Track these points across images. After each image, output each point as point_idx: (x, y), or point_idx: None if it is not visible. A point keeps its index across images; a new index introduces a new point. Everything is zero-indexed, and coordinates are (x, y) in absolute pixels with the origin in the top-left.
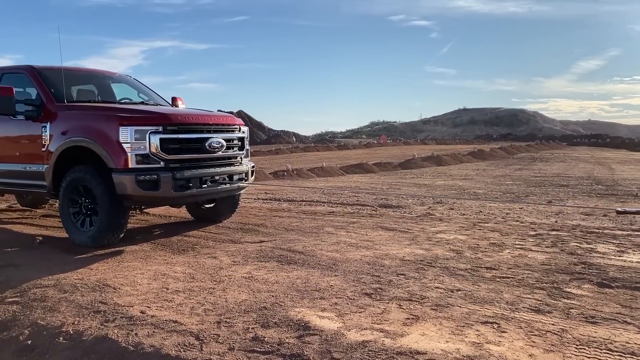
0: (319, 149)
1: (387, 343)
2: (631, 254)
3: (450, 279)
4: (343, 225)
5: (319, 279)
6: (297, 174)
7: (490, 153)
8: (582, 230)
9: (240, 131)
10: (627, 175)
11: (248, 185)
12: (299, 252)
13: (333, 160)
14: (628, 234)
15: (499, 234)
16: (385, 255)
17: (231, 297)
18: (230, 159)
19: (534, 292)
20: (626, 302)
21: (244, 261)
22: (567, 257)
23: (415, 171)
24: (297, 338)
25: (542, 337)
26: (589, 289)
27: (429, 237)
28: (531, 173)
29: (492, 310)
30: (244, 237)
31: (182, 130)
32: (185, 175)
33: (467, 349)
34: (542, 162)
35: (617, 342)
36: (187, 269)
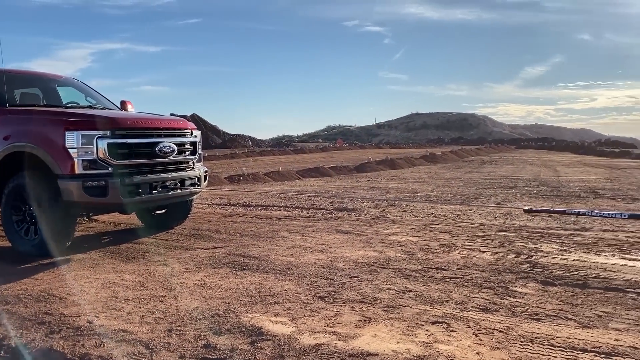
0: (276, 152)
1: (339, 346)
2: (573, 252)
3: (402, 280)
4: (298, 230)
5: (273, 284)
6: (253, 178)
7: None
8: (528, 230)
9: (192, 135)
10: (571, 177)
11: (201, 190)
12: (253, 257)
13: (290, 164)
14: (571, 233)
15: (449, 235)
16: (339, 258)
17: (182, 304)
18: (181, 163)
19: (482, 292)
20: (568, 299)
21: (196, 268)
22: (513, 257)
23: (370, 174)
24: (250, 344)
25: (489, 335)
26: (533, 288)
27: (382, 240)
28: (481, 176)
29: (442, 310)
30: (196, 244)
31: (131, 134)
32: (135, 180)
33: (417, 349)
34: (492, 165)
35: (559, 338)
36: (137, 277)
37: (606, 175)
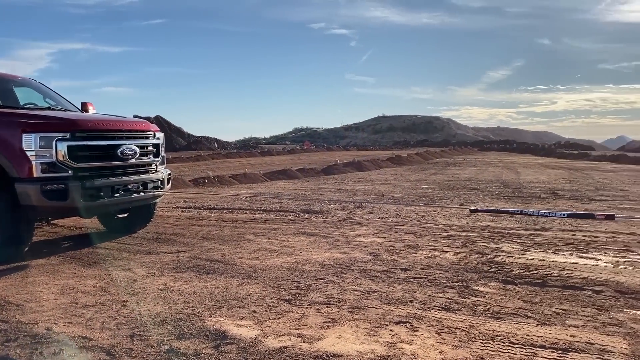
0: (242, 155)
1: (304, 348)
2: (533, 252)
3: (367, 281)
4: (264, 232)
5: (237, 288)
6: (219, 181)
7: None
8: (490, 231)
9: (155, 137)
10: (532, 178)
11: (164, 193)
12: (218, 261)
13: (256, 167)
14: (531, 233)
15: (413, 236)
16: (305, 260)
17: (145, 309)
18: (144, 166)
19: (444, 291)
20: (527, 298)
21: (160, 272)
22: (475, 257)
23: (338, 177)
24: (214, 348)
25: (451, 334)
26: (495, 287)
27: (349, 241)
28: (445, 177)
29: (406, 310)
30: (160, 248)
31: (91, 136)
32: (96, 184)
33: (381, 349)
34: (456, 167)
35: (519, 335)
36: (99, 282)
37: (565, 176)
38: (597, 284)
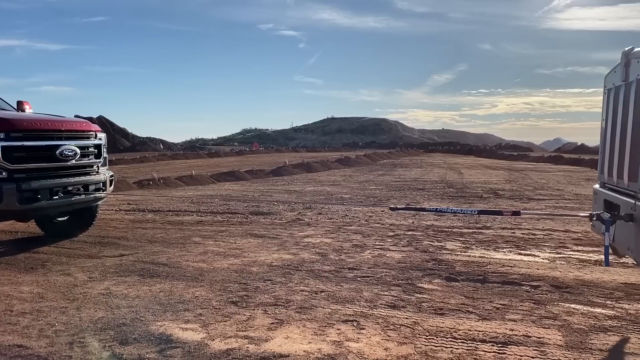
0: (189, 156)
1: (251, 349)
2: (475, 249)
3: (315, 281)
4: (211, 235)
5: (183, 291)
6: (164, 183)
7: (356, 160)
8: (435, 229)
9: (96, 138)
10: (474, 179)
11: (106, 195)
12: (162, 264)
13: (203, 168)
14: (473, 231)
15: (361, 235)
16: (253, 262)
17: (86, 315)
18: (85, 167)
19: (390, 289)
20: (469, 294)
21: (102, 277)
22: (420, 255)
23: (287, 178)
24: (159, 352)
25: (396, 331)
26: (438, 284)
27: (297, 242)
28: (392, 178)
29: (353, 309)
30: (102, 252)
31: (28, 137)
32: (33, 186)
33: (328, 348)
34: (402, 168)
35: (461, 330)
36: (36, 288)
37: (506, 177)
38: (534, 279)
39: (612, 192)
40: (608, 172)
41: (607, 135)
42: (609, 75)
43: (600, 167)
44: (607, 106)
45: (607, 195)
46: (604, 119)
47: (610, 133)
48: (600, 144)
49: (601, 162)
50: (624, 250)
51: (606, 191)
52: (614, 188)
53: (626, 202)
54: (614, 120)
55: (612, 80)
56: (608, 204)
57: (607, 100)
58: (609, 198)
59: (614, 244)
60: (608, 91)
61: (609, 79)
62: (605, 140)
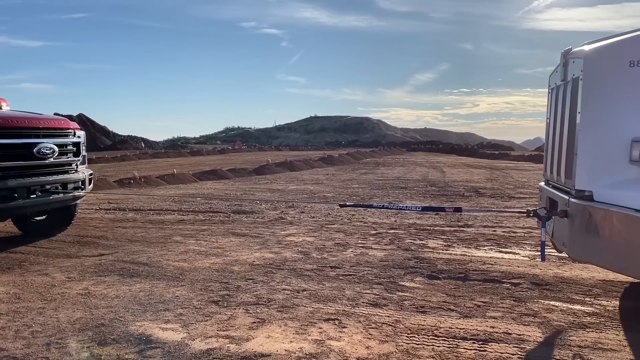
0: (170, 155)
1: (232, 349)
2: (456, 247)
3: (297, 280)
4: (193, 234)
5: (163, 291)
6: (145, 181)
7: (339, 158)
8: (417, 228)
9: (75, 136)
10: (456, 177)
11: (85, 194)
12: (143, 263)
13: (185, 167)
14: (454, 229)
15: (344, 234)
16: (235, 261)
17: (64, 316)
18: (63, 166)
19: (372, 288)
20: (451, 292)
21: (80, 277)
22: (402, 253)
23: (270, 177)
24: (138, 353)
25: (378, 329)
26: (420, 282)
27: (279, 241)
28: (375, 177)
29: (335, 308)
30: (81, 251)
31: (4, 134)
32: (9, 184)
33: (310, 347)
34: (385, 167)
35: (442, 328)
36: (12, 288)
37: (487, 175)
38: (515, 277)
39: (553, 190)
40: (550, 170)
41: (550, 134)
42: (552, 75)
43: (544, 165)
44: (549, 105)
45: (549, 192)
46: (548, 117)
47: (552, 132)
48: (545, 142)
49: (545, 160)
50: (560, 245)
51: (549, 188)
52: (554, 185)
53: (562, 198)
54: (555, 119)
55: (554, 80)
56: (550, 201)
57: (550, 100)
58: (551, 195)
59: (553, 240)
60: (551, 91)
61: (552, 78)
62: (547, 139)
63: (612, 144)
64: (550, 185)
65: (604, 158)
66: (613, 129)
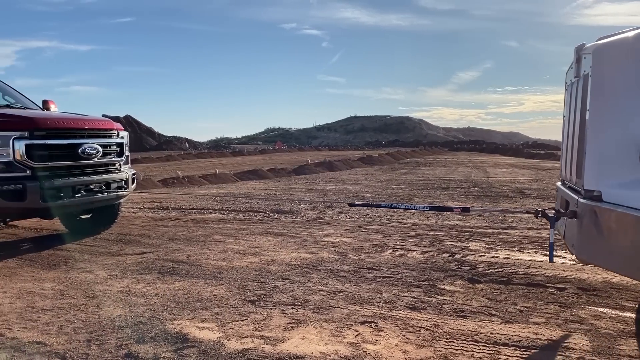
0: (213, 155)
1: (267, 350)
2: (499, 250)
3: (333, 281)
4: (232, 233)
5: (202, 289)
6: (189, 181)
7: (379, 158)
8: (458, 229)
9: (118, 136)
10: (500, 178)
11: (128, 193)
12: (182, 262)
13: (227, 167)
14: (498, 232)
15: (382, 235)
16: (272, 261)
17: (105, 313)
18: (107, 166)
19: (411, 290)
20: (492, 296)
21: (122, 274)
22: (442, 255)
23: (309, 177)
24: (174, 351)
25: (416, 333)
26: (460, 285)
27: (317, 241)
28: (415, 177)
29: (371, 310)
30: (123, 249)
31: (51, 135)
32: (56, 184)
33: (345, 350)
34: (426, 167)
35: (482, 334)
36: (58, 285)
37: (532, 176)
38: (560, 281)
39: (567, 190)
40: (565, 170)
41: (565, 133)
42: (567, 72)
43: (561, 164)
44: (565, 103)
45: (563, 192)
46: (564, 115)
47: (566, 130)
48: (562, 141)
49: (561, 160)
50: (570, 247)
51: (564, 188)
52: (570, 185)
53: (573, 198)
54: (569, 117)
55: (569, 77)
56: (564, 202)
57: (565, 98)
58: (564, 195)
59: (565, 241)
60: (567, 88)
61: (567, 75)
62: (563, 138)
63: (621, 143)
64: (567, 186)
65: (613, 157)
66: (623, 127)
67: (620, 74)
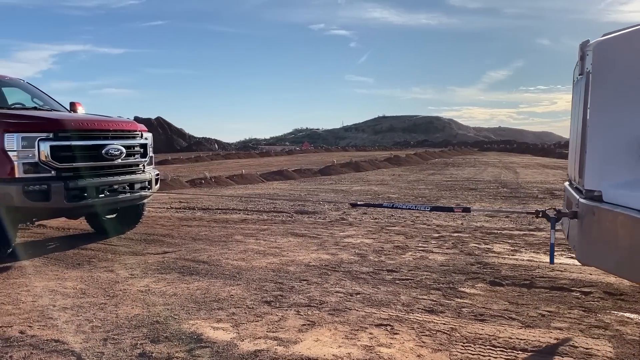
0: (241, 156)
1: (279, 351)
2: (523, 252)
3: (351, 283)
4: (253, 233)
5: (219, 289)
6: (216, 181)
7: (406, 159)
8: (483, 231)
9: (142, 137)
10: (530, 178)
11: (152, 194)
12: (203, 262)
13: (254, 168)
14: (524, 233)
15: (404, 237)
16: (291, 261)
17: (123, 312)
18: (131, 166)
19: (430, 293)
20: (514, 299)
21: (143, 274)
22: (465, 258)
23: (334, 177)
24: (188, 352)
25: (432, 337)
26: (481, 288)
27: (337, 242)
28: (443, 178)
29: (388, 313)
30: (146, 249)
31: (75, 136)
32: (80, 184)
33: (358, 353)
34: (454, 167)
35: (501, 338)
36: (79, 284)
37: (564, 176)
38: (586, 285)
39: (572, 190)
40: (570, 169)
41: (571, 132)
42: (575, 70)
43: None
44: (572, 101)
45: (569, 192)
46: (571, 114)
47: (572, 129)
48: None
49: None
50: (572, 248)
51: (570, 189)
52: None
53: (575, 198)
54: (573, 116)
55: (576, 75)
56: (569, 202)
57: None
58: (569, 195)
59: (568, 242)
60: (574, 86)
61: (574, 73)
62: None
63: (622, 141)
64: (573, 187)
65: (613, 156)
66: (623, 125)
67: (620, 71)
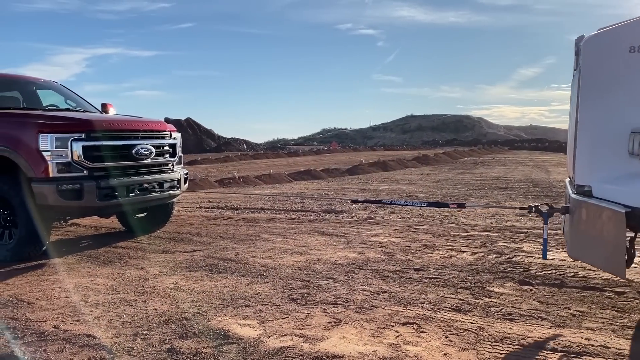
0: (269, 156)
1: (305, 348)
2: (554, 252)
3: (378, 281)
4: (281, 232)
5: (247, 287)
6: (244, 181)
7: (435, 158)
8: (512, 230)
9: (171, 137)
10: (562, 177)
11: (181, 193)
12: (231, 260)
13: (282, 167)
14: (555, 233)
15: (431, 235)
16: (318, 260)
17: (152, 308)
18: (160, 166)
19: (457, 292)
20: (544, 299)
21: (172, 271)
22: (493, 257)
23: (362, 176)
24: (214, 347)
25: (459, 336)
26: (510, 287)
27: (364, 241)
28: (472, 177)
29: (415, 311)
30: (175, 247)
31: (106, 137)
32: (111, 183)
33: (384, 351)
34: (484, 166)
35: (530, 338)
36: (111, 280)
37: None
38: (619, 285)
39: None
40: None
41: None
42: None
43: None
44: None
45: (567, 188)
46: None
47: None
48: None
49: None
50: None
51: (568, 185)
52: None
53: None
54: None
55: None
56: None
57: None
58: (567, 191)
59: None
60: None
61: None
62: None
63: (611, 136)
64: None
65: (602, 152)
66: (612, 121)
67: (609, 65)
